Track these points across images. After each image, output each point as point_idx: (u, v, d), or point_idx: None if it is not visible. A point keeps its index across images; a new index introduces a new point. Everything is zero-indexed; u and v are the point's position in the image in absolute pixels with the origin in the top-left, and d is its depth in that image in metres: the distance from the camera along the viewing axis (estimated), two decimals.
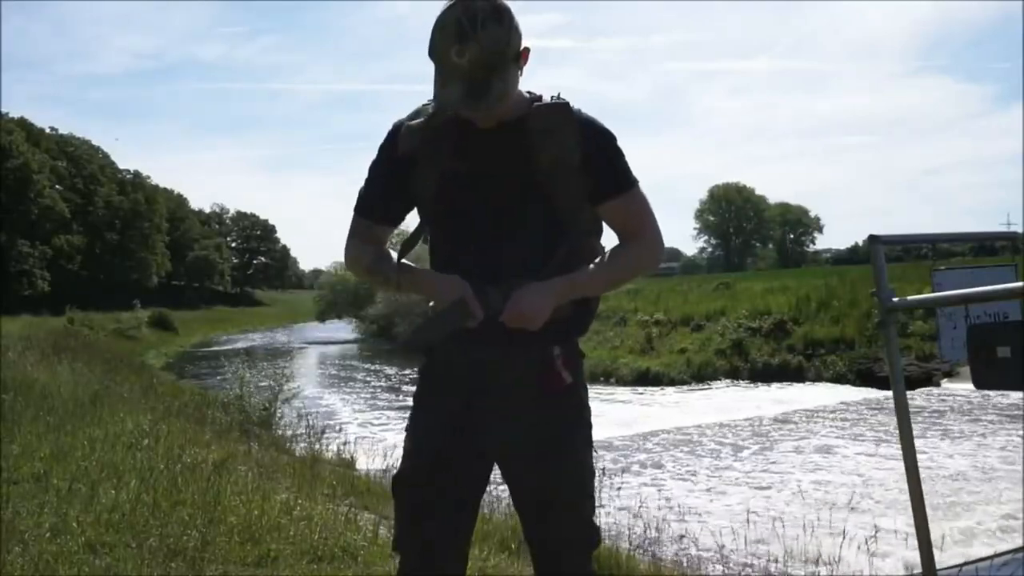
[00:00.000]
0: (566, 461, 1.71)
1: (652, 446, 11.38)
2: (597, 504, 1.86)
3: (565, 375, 1.69)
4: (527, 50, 1.61)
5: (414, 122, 1.69)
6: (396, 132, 1.73)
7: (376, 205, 1.75)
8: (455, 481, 1.69)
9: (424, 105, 1.71)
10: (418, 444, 1.72)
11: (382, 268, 1.72)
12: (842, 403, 14.96)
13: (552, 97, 1.70)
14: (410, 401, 1.81)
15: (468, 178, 1.65)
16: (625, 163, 1.71)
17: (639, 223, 1.72)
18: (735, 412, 14.16)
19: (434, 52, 1.56)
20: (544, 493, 1.71)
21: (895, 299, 2.52)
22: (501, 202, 1.65)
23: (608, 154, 1.69)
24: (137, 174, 60.75)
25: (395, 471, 1.78)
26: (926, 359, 16.45)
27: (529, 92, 1.70)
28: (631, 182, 1.71)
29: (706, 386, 18.57)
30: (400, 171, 1.70)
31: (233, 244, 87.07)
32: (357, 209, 1.77)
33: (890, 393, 2.62)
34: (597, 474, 1.88)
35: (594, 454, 1.81)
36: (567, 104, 1.68)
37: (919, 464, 2.55)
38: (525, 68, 1.63)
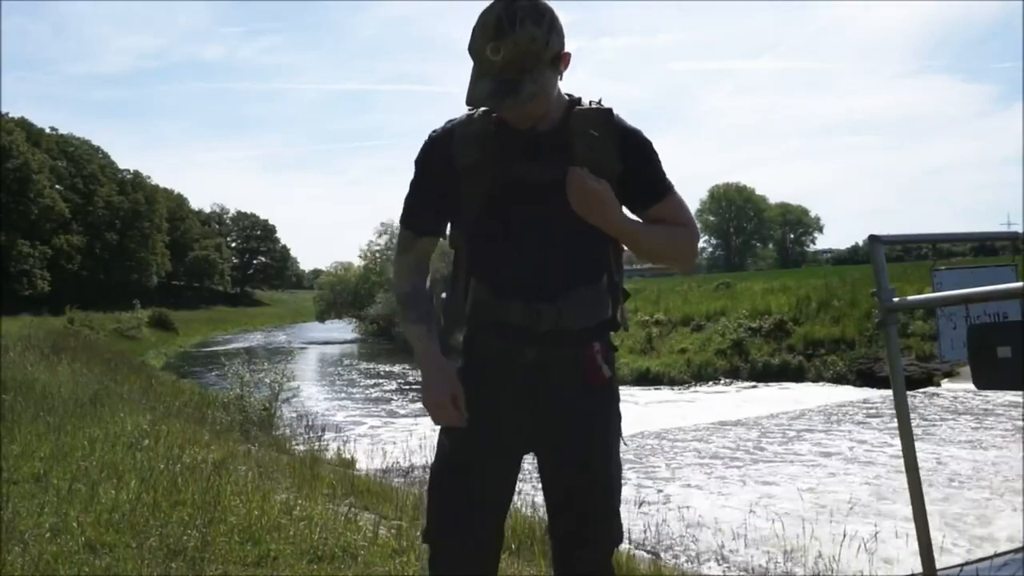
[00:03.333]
0: (603, 457, 1.72)
1: (652, 446, 11.37)
2: None
3: (605, 369, 1.71)
4: (568, 55, 1.61)
5: (467, 130, 1.68)
6: (435, 143, 1.71)
7: (421, 218, 1.74)
8: (490, 478, 1.70)
9: (470, 113, 1.72)
10: (454, 440, 1.72)
11: (409, 307, 1.74)
12: (842, 403, 14.95)
13: (591, 102, 1.70)
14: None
15: (515, 183, 1.65)
16: (663, 169, 1.73)
17: (683, 218, 1.73)
18: (735, 412, 14.16)
19: (472, 48, 1.57)
20: (582, 489, 1.71)
21: (895, 299, 2.52)
22: (545, 207, 1.64)
23: (651, 162, 1.71)
24: (137, 174, 60.73)
25: (431, 467, 1.79)
26: (926, 359, 16.44)
27: (568, 95, 1.71)
28: (670, 185, 1.72)
29: (706, 386, 18.56)
30: (443, 181, 1.69)
31: (233, 244, 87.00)
32: (403, 222, 1.77)
33: (890, 393, 2.62)
34: None
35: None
36: (610, 111, 1.68)
37: (919, 464, 2.55)
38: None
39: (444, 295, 1.82)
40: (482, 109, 1.69)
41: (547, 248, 1.65)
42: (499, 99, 1.55)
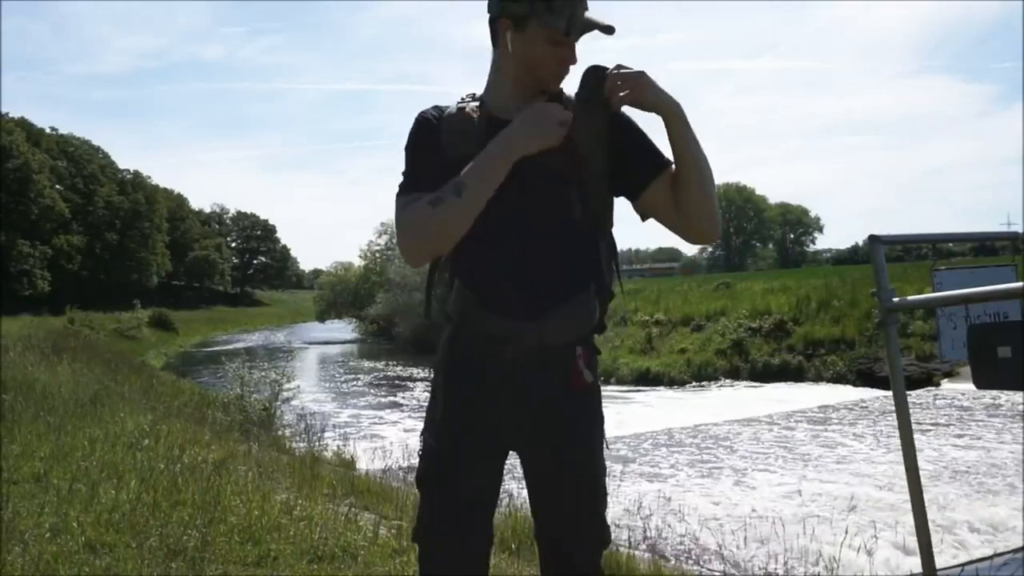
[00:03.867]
0: (587, 459, 1.71)
1: (651, 446, 11.37)
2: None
3: (587, 374, 1.69)
4: None
5: (456, 123, 1.67)
6: (424, 126, 1.68)
7: (432, 180, 1.61)
8: (478, 476, 1.69)
9: (465, 99, 1.71)
10: (441, 439, 1.71)
11: (445, 195, 1.55)
12: (842, 403, 14.95)
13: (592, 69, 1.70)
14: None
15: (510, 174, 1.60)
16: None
17: None
18: (735, 412, 14.15)
19: None
20: (564, 491, 1.70)
21: (895, 299, 2.52)
22: (541, 195, 1.63)
23: (644, 138, 1.71)
24: (137, 174, 60.75)
25: (416, 469, 1.78)
26: (926, 359, 16.44)
27: None
28: (670, 159, 1.69)
29: (706, 386, 18.56)
30: (436, 163, 1.64)
31: (233, 244, 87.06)
32: (410, 187, 1.63)
33: (890, 393, 2.62)
34: None
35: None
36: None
37: (919, 464, 2.55)
38: None
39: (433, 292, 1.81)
40: (472, 103, 1.70)
41: (533, 253, 1.63)
42: (604, 22, 1.58)
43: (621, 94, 1.60)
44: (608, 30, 1.59)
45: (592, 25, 1.59)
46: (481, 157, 1.57)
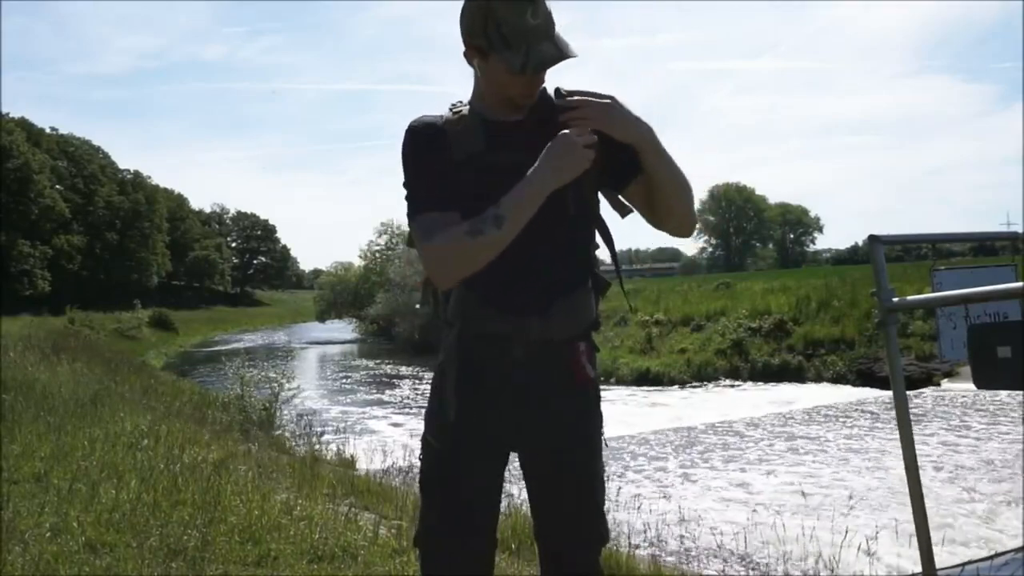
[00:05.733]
0: (587, 456, 1.72)
1: (652, 446, 11.37)
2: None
3: (588, 369, 1.71)
4: None
5: (458, 127, 1.66)
6: (421, 134, 1.67)
7: (445, 192, 1.62)
8: (480, 477, 1.69)
9: (455, 105, 1.71)
10: (442, 441, 1.71)
11: (483, 225, 1.55)
12: (842, 403, 14.95)
13: (556, 90, 1.71)
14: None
15: (507, 174, 1.60)
16: None
17: None
18: (735, 412, 14.16)
19: (508, 23, 1.54)
20: (564, 491, 1.71)
21: (895, 299, 2.52)
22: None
23: None
24: (137, 174, 60.75)
25: (420, 468, 1.77)
26: (926, 359, 16.42)
27: None
28: None
29: (706, 386, 18.56)
30: (439, 169, 1.64)
31: (233, 244, 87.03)
32: (428, 205, 1.62)
33: (890, 393, 2.62)
34: None
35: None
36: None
37: (918, 464, 2.55)
38: None
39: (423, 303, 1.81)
40: (465, 108, 1.69)
41: (533, 251, 1.63)
42: (566, 52, 1.56)
43: (582, 124, 1.58)
44: (568, 58, 1.58)
45: (552, 60, 1.57)
46: (518, 190, 1.56)
